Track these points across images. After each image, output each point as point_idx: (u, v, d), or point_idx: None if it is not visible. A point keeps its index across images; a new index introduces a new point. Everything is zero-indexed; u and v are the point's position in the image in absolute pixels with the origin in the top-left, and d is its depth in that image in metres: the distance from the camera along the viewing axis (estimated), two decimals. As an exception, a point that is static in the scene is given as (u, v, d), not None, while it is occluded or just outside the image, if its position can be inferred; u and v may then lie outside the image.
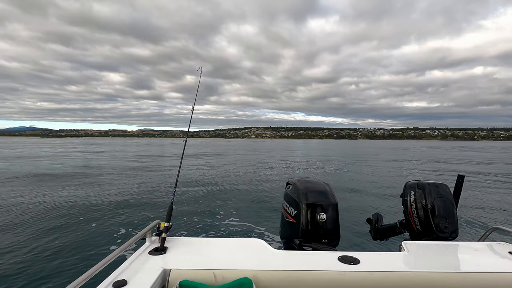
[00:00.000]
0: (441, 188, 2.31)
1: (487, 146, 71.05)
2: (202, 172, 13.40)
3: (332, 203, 2.11)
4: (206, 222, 5.38)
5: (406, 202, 2.40)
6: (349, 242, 4.11)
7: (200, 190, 8.54)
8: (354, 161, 20.73)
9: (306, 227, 2.02)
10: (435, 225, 2.19)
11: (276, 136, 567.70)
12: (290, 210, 2.18)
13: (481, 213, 5.58)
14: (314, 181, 2.30)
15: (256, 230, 4.90)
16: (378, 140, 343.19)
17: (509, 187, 8.55)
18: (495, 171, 14.22)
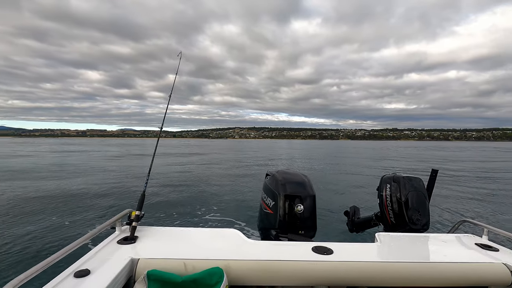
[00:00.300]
0: (415, 181, 2.40)
1: (459, 146, 74.74)
2: (182, 167, 13.24)
3: (309, 194, 2.11)
4: (182, 212, 5.27)
5: (381, 195, 2.49)
6: (326, 234, 4.14)
7: (178, 183, 8.41)
8: (336, 161, 21.14)
9: (283, 218, 2.01)
10: (408, 217, 2.27)
11: (260, 136, 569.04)
12: (268, 201, 2.17)
13: (451, 207, 5.84)
14: (293, 172, 2.30)
15: (234, 221, 4.86)
16: (359, 141, 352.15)
17: (478, 183, 9.02)
18: (466, 168, 14.94)
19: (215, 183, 8.60)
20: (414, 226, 2.24)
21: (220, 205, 5.94)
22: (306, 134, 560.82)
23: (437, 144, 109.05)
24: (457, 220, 2.17)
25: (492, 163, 19.50)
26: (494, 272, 1.31)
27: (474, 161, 21.35)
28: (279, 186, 2.11)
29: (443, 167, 15.39)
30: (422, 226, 2.27)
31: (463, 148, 53.68)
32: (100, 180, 9.45)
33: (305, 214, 2.03)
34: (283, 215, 2.02)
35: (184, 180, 9.05)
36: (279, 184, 2.12)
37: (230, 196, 6.72)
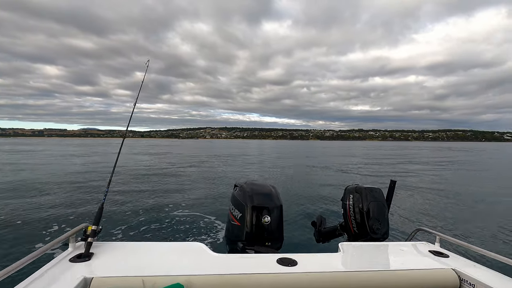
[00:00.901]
0: (375, 192, 2.49)
1: (418, 145, 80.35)
2: (147, 172, 12.50)
3: (276, 205, 2.11)
4: (143, 225, 4.98)
5: (345, 205, 2.56)
6: (293, 244, 4.11)
7: (139, 191, 7.89)
8: (305, 163, 21.47)
9: (250, 230, 2.00)
10: (369, 227, 2.35)
11: (231, 136, 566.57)
12: (235, 213, 2.14)
13: (409, 215, 6.17)
14: (261, 183, 2.30)
15: (200, 234, 4.67)
16: (327, 141, 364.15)
17: (433, 191, 9.65)
18: (423, 172, 15.90)
19: (182, 191, 8.18)
20: (374, 235, 2.31)
21: (186, 216, 5.67)
22: (277, 135, 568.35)
23: (399, 144, 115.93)
24: (413, 228, 2.28)
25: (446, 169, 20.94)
26: (444, 277, 1.41)
27: (429, 163, 22.93)
28: (247, 197, 2.10)
29: (401, 171, 16.18)
30: (382, 235, 2.35)
31: (422, 148, 57.63)
32: (52, 187, 8.52)
33: (272, 226, 2.04)
34: (250, 226, 2.01)
35: (148, 188, 8.52)
36: (247, 195, 2.11)
37: (197, 207, 6.43)
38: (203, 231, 4.77)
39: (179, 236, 4.57)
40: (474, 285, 1.35)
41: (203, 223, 5.22)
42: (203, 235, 4.59)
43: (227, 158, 24.41)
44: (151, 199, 7.14)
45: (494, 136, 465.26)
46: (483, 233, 5.28)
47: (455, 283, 1.39)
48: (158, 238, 4.41)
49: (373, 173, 14.35)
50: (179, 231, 4.75)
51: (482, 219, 6.27)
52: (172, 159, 22.61)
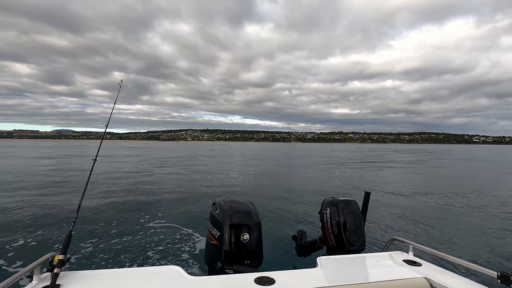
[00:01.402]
0: (351, 204, 2.54)
1: (393, 148, 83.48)
2: (118, 185, 11.43)
3: (255, 222, 2.09)
4: (116, 250, 4.64)
5: (323, 218, 2.59)
6: (273, 261, 4.02)
7: (110, 210, 7.24)
8: (286, 170, 21.62)
9: (229, 249, 1.97)
10: (346, 239, 2.38)
11: (213, 138, 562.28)
12: (214, 232, 2.10)
13: (384, 226, 6.24)
14: (239, 200, 2.27)
15: (177, 255, 4.43)
16: (309, 143, 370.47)
17: (406, 199, 9.85)
18: (397, 181, 16.45)
19: (159, 208, 7.66)
20: (351, 247, 2.36)
21: (162, 237, 5.34)
22: (260, 137, 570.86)
23: (376, 146, 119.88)
24: (388, 238, 2.30)
25: (420, 173, 21.67)
26: (417, 286, 1.45)
27: (404, 167, 23.78)
28: (225, 215, 2.06)
29: (377, 181, 16.62)
30: (359, 246, 2.41)
31: (399, 151, 59.82)
32: (11, 207, 7.37)
33: (251, 243, 2.02)
34: (229, 245, 1.98)
35: (122, 206, 7.86)
36: (225, 213, 2.08)
37: (175, 226, 6.07)
38: (180, 252, 4.54)
39: (155, 259, 4.33)
40: None
41: (180, 243, 4.97)
42: (181, 257, 4.37)
43: (205, 163, 24.14)
44: (125, 218, 6.67)
45: (464, 138, 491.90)
46: (454, 240, 5.40)
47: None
48: (132, 262, 4.13)
49: (351, 181, 14.60)
50: (155, 254, 4.51)
51: (453, 226, 6.43)
52: (149, 166, 22.01)
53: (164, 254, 4.49)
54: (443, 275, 1.53)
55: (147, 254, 4.50)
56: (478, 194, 10.26)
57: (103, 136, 2.15)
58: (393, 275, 1.51)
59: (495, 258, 4.51)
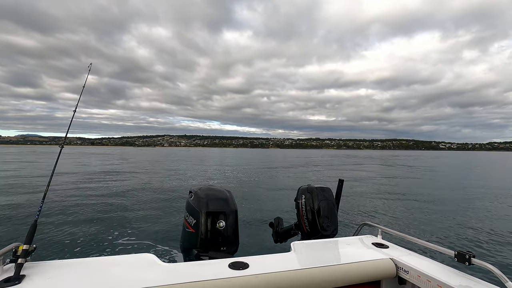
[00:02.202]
0: (326, 191, 2.62)
1: (367, 154, 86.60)
2: (90, 183, 11.13)
3: (231, 209, 2.12)
4: (87, 239, 4.46)
5: (298, 205, 2.65)
6: (250, 248, 4.09)
7: (82, 201, 7.04)
8: (263, 171, 21.74)
9: (205, 236, 1.98)
10: (320, 225, 2.46)
11: (191, 144, 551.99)
12: (190, 220, 2.12)
13: (356, 211, 6.62)
14: (216, 188, 2.29)
15: (153, 245, 4.32)
16: (287, 149, 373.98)
17: (376, 189, 10.47)
18: (369, 175, 17.13)
19: (133, 200, 7.53)
20: (325, 232, 2.42)
21: (137, 226, 5.18)
22: (238, 143, 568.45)
23: (352, 152, 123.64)
24: (359, 223, 2.43)
25: (390, 171, 22.51)
26: (383, 267, 1.56)
27: (376, 169, 24.76)
28: (201, 203, 2.08)
29: (349, 174, 17.19)
30: (332, 232, 2.47)
31: (373, 157, 62.02)
32: None
33: (227, 230, 2.04)
34: (205, 232, 1.99)
35: (93, 197, 7.68)
36: (201, 201, 2.09)
37: (150, 216, 5.94)
38: (155, 241, 4.45)
39: (129, 248, 4.18)
40: (408, 271, 1.52)
41: (157, 233, 4.87)
42: (156, 245, 4.28)
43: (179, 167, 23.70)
44: (96, 208, 6.46)
45: (431, 145, 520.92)
46: (419, 224, 5.88)
47: (392, 270, 1.56)
48: (104, 251, 3.98)
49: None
50: (129, 244, 4.35)
51: (418, 212, 6.97)
52: (122, 166, 21.30)
53: (139, 243, 4.36)
54: (408, 256, 1.66)
55: (120, 243, 4.34)
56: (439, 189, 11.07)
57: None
58: (362, 257, 1.60)
59: (452, 239, 5.00)
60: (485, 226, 5.93)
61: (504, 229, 5.77)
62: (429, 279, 1.39)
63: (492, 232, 5.52)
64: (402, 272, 1.54)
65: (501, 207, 8.11)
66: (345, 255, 1.67)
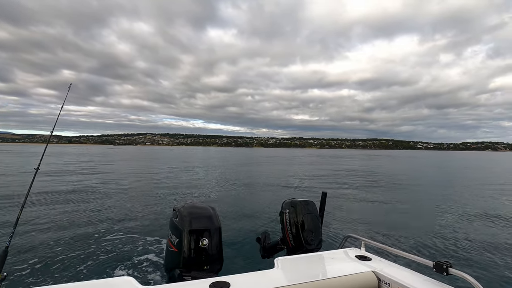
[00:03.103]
0: (309, 205, 2.63)
1: (350, 153, 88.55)
2: (62, 194, 10.20)
3: (215, 227, 2.09)
4: (63, 263, 4.23)
5: (283, 219, 2.64)
6: (235, 265, 3.96)
7: (54, 222, 6.47)
8: (248, 174, 21.71)
9: (188, 255, 1.95)
10: (304, 239, 2.46)
11: (174, 143, 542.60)
12: (173, 239, 2.07)
13: (340, 224, 6.65)
14: (199, 205, 2.24)
15: (133, 266, 4.15)
16: (271, 148, 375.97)
17: (361, 198, 10.61)
18: (351, 182, 17.49)
19: (111, 215, 7.13)
20: (309, 246, 2.43)
21: (116, 246, 4.95)
22: (222, 142, 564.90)
23: (334, 152, 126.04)
24: (343, 236, 2.48)
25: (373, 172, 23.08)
26: (365, 279, 1.57)
27: (359, 170, 25.34)
28: (185, 222, 2.04)
29: (333, 183, 17.50)
30: (316, 245, 2.49)
31: (354, 155, 63.46)
32: None
33: (211, 248, 2.01)
34: (188, 251, 1.95)
35: (68, 214, 7.20)
36: (185, 219, 2.05)
37: (130, 235, 5.64)
38: (138, 263, 4.26)
39: (108, 271, 4.01)
40: (389, 284, 1.53)
41: (138, 253, 4.66)
42: (139, 267, 4.11)
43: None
44: (72, 227, 6.11)
45: (410, 145, 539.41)
46: (400, 235, 5.96)
47: (374, 283, 1.57)
48: (81, 276, 3.77)
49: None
50: (108, 266, 4.16)
51: (401, 223, 7.12)
52: (101, 170, 20.64)
53: (119, 265, 4.16)
54: (389, 267, 1.69)
55: (98, 266, 4.13)
56: (420, 194, 11.46)
57: (48, 141, 1.97)
58: (345, 271, 1.62)
59: (430, 249, 5.09)
60: (462, 234, 6.10)
61: (479, 236, 5.98)
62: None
63: (469, 240, 5.69)
64: (384, 284, 1.56)
65: (480, 211, 8.49)
66: (328, 270, 1.68)
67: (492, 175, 22.01)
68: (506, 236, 5.99)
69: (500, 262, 4.50)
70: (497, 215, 7.78)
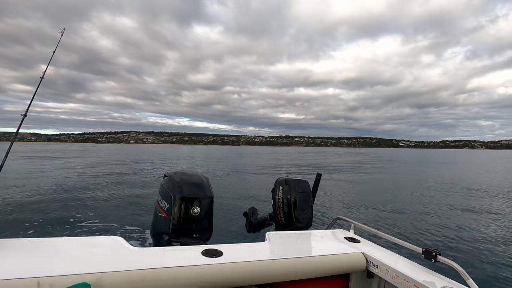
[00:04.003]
0: (303, 184, 2.59)
1: (334, 151, 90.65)
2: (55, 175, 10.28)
3: (207, 196, 2.05)
4: (50, 220, 4.12)
5: (275, 196, 2.60)
6: (223, 236, 4.01)
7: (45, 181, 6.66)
8: (238, 167, 21.72)
9: (178, 222, 1.92)
10: (295, 217, 2.45)
11: (159, 141, 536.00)
12: (163, 204, 2.02)
13: (331, 205, 6.73)
14: (192, 173, 2.19)
15: (120, 228, 4.10)
16: (257, 146, 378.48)
17: (350, 185, 10.78)
18: (342, 171, 17.74)
19: (97, 180, 7.25)
20: (299, 224, 2.43)
21: (104, 208, 4.86)
22: (209, 140, 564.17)
23: (320, 150, 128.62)
24: (333, 217, 2.46)
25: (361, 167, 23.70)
26: (354, 261, 1.60)
27: (346, 165, 25.78)
28: (176, 188, 1.98)
29: (328, 166, 17.70)
30: (306, 224, 2.48)
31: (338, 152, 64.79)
32: None
33: (201, 217, 1.97)
34: (178, 218, 1.92)
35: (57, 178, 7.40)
36: (176, 185, 1.99)
37: (119, 198, 5.60)
38: (124, 224, 4.19)
39: (95, 231, 3.90)
40: (377, 266, 1.57)
41: (125, 215, 4.60)
42: (124, 229, 4.02)
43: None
44: (61, 189, 5.97)
45: (392, 143, 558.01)
46: (390, 221, 6.03)
47: (362, 265, 1.61)
48: (67, 233, 3.68)
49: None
50: (95, 226, 4.06)
51: (390, 209, 7.16)
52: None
53: (105, 226, 4.12)
54: (378, 251, 1.71)
55: (84, 226, 4.06)
56: (407, 186, 11.67)
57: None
58: (334, 250, 1.64)
59: (420, 236, 5.17)
60: (451, 222, 6.18)
61: (468, 225, 6.08)
62: (397, 274, 1.45)
63: (458, 228, 5.77)
64: (372, 266, 1.60)
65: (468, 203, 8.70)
66: (317, 248, 1.73)
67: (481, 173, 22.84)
68: (494, 227, 6.08)
69: (487, 252, 4.55)
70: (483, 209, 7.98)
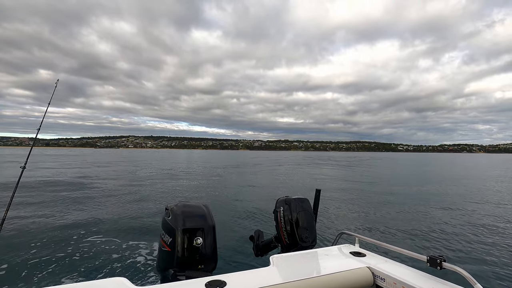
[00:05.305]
0: (304, 202, 2.57)
1: (334, 155, 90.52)
2: (51, 194, 10.11)
3: (209, 225, 2.04)
4: (51, 266, 4.02)
5: (277, 217, 2.57)
6: (229, 264, 3.93)
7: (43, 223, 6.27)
8: (236, 176, 21.62)
9: (182, 255, 1.91)
10: (298, 236, 2.41)
11: (158, 146, 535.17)
12: (166, 238, 2.02)
13: (334, 221, 6.61)
14: (192, 204, 2.19)
15: (125, 266, 4.03)
16: (256, 151, 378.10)
17: (353, 196, 10.67)
18: (343, 180, 17.66)
19: (101, 213, 6.94)
20: (304, 244, 2.39)
21: (107, 246, 4.75)
22: (207, 144, 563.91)
23: (319, 154, 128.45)
24: (338, 232, 2.39)
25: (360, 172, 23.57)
26: (361, 275, 1.56)
27: (347, 171, 25.69)
28: (178, 220, 1.97)
29: (325, 179, 17.63)
30: (311, 242, 2.44)
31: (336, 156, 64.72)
32: None
33: (205, 247, 1.95)
34: (182, 251, 1.90)
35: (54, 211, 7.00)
36: (178, 218, 1.98)
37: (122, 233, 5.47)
38: (130, 263, 4.12)
39: (100, 272, 3.83)
40: (384, 279, 1.53)
41: (131, 254, 4.48)
42: (131, 268, 3.96)
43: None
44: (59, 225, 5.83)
45: (391, 147, 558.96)
46: (394, 231, 5.94)
47: (370, 279, 1.57)
48: (72, 278, 3.59)
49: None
50: (98, 266, 4.00)
51: (392, 219, 7.08)
52: (87, 173, 19.87)
53: (108, 265, 4.04)
54: (384, 263, 1.69)
55: (90, 267, 3.97)
56: (410, 193, 11.61)
57: (34, 143, 2.02)
58: (340, 267, 1.60)
59: (424, 244, 5.10)
60: (454, 228, 6.12)
61: (472, 230, 6.01)
62: (404, 286, 1.43)
63: (461, 234, 5.71)
64: (379, 280, 1.57)
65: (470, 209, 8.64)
66: (323, 266, 1.69)
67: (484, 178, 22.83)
68: (499, 231, 6.01)
69: (493, 257, 4.50)
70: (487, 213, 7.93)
